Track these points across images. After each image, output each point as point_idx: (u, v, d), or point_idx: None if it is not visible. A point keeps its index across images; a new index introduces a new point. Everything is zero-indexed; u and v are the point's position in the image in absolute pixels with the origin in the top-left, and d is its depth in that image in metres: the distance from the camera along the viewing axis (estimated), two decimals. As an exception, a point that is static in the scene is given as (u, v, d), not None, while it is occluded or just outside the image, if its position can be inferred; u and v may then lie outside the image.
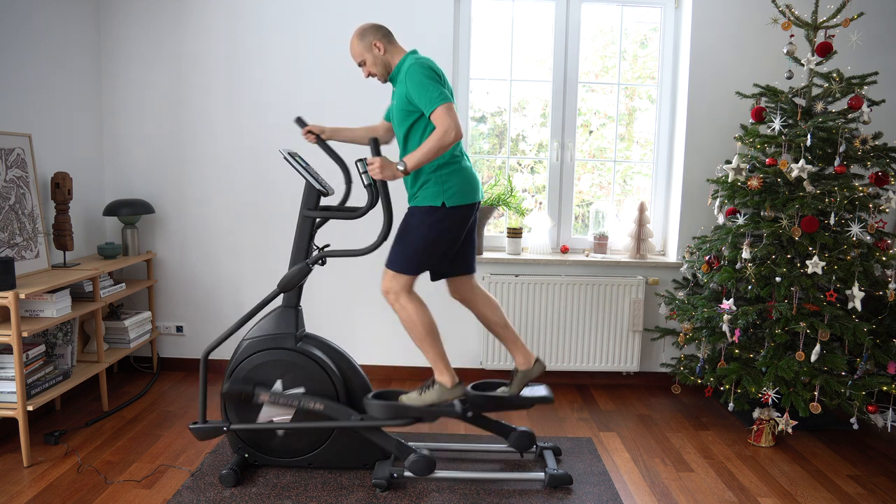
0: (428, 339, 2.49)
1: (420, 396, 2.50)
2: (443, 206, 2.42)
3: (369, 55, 2.49)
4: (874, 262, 2.84)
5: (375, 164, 2.33)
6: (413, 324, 2.48)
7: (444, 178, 2.43)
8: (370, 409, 2.50)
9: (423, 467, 2.47)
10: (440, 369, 2.51)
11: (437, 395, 2.50)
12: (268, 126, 3.60)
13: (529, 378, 2.71)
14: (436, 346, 2.51)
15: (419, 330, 2.48)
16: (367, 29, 2.50)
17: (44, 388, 2.77)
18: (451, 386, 2.51)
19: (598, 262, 3.62)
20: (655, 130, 3.76)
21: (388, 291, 2.48)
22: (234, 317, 3.73)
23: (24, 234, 2.94)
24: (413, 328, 2.48)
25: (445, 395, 2.50)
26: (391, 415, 2.49)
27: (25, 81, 3.03)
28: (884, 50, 3.49)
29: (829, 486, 2.63)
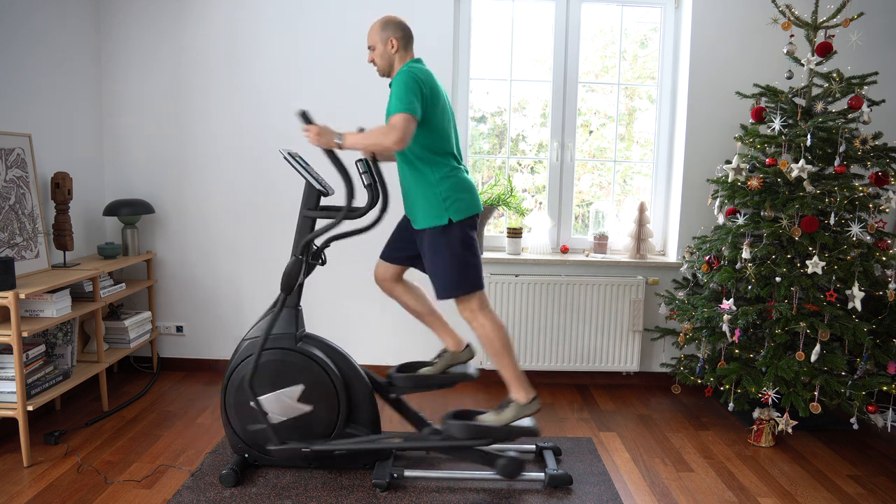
0: (505, 354, 2.50)
1: (499, 416, 2.49)
2: (450, 222, 2.42)
3: (381, 46, 2.49)
4: (874, 262, 2.84)
5: (312, 131, 2.35)
6: (490, 340, 2.48)
7: (445, 195, 2.42)
8: (451, 429, 2.48)
9: (514, 470, 2.50)
10: (516, 385, 2.51)
11: (515, 412, 2.49)
12: (268, 126, 3.60)
13: (457, 361, 2.73)
14: (512, 362, 2.51)
15: (496, 346, 2.48)
16: (392, 23, 2.49)
17: (44, 388, 2.77)
18: (526, 402, 2.50)
19: (598, 262, 3.63)
20: (655, 130, 3.76)
21: (463, 313, 2.51)
22: (234, 316, 3.73)
23: (24, 234, 2.94)
24: (490, 344, 2.49)
25: (523, 412, 2.50)
26: (472, 435, 2.47)
27: (25, 81, 3.03)
28: (884, 50, 3.49)
29: (829, 486, 2.63)
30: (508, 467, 2.52)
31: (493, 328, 2.48)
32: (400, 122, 2.27)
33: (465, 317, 2.51)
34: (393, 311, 3.53)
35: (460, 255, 2.44)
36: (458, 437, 2.47)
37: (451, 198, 2.42)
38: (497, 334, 2.48)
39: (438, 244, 2.44)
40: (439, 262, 2.45)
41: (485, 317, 2.48)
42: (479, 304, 2.49)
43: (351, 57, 3.53)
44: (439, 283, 2.47)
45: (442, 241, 2.44)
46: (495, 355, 2.50)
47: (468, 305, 2.48)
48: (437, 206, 2.42)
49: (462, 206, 2.44)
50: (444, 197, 2.42)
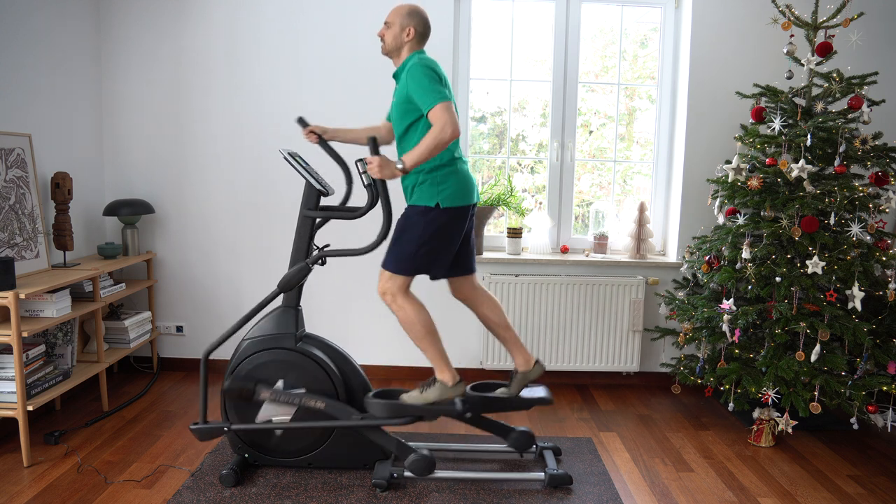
0: (427, 337, 2.49)
1: (421, 395, 2.50)
2: (437, 206, 2.42)
3: (398, 29, 2.48)
4: (874, 262, 2.84)
5: (374, 163, 2.34)
6: (411, 323, 2.48)
7: (441, 179, 2.43)
8: (371, 407, 2.50)
9: (422, 467, 2.47)
10: (440, 367, 2.52)
11: (439, 392, 2.50)
12: (268, 126, 3.60)
13: (528, 379, 2.71)
14: (435, 345, 2.51)
15: (418, 329, 2.48)
16: (418, 14, 2.50)
17: (44, 388, 2.77)
18: (451, 384, 2.51)
19: (598, 262, 3.63)
20: (655, 130, 3.76)
21: (384, 292, 2.49)
22: (234, 317, 3.73)
23: (24, 234, 2.94)
24: (411, 328, 2.49)
25: (447, 393, 2.51)
26: (392, 413, 2.48)
27: (25, 81, 3.03)
28: (884, 50, 3.49)
29: (829, 486, 2.63)
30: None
31: (413, 311, 2.47)
32: (443, 113, 2.28)
33: (384, 298, 2.49)
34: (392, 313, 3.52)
35: (427, 240, 2.43)
36: (377, 415, 2.49)
37: (445, 184, 2.43)
38: (416, 318, 2.47)
39: (413, 220, 2.44)
40: (405, 238, 2.45)
41: (405, 300, 2.47)
42: (400, 288, 2.47)
43: (351, 57, 3.53)
44: (391, 252, 2.47)
45: (418, 220, 2.44)
46: (416, 339, 2.50)
47: (388, 286, 2.47)
48: (430, 188, 2.43)
49: (454, 195, 2.44)
50: (439, 182, 2.43)
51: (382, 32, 2.52)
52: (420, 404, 2.49)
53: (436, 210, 2.42)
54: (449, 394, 2.51)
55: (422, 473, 2.48)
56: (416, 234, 2.43)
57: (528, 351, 2.73)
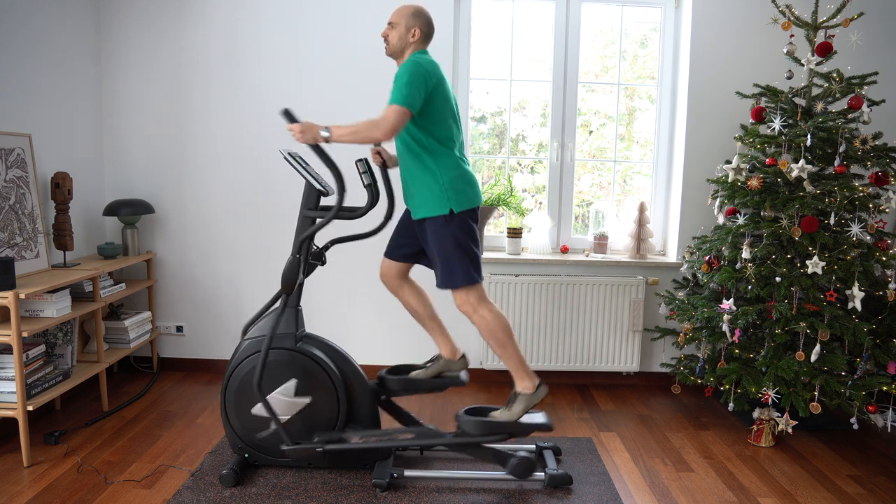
0: (509, 345, 2.49)
1: (510, 411, 2.49)
2: (451, 212, 2.42)
3: (403, 30, 2.47)
4: (874, 262, 2.84)
5: (296, 129, 2.31)
6: (492, 331, 2.47)
7: (447, 185, 2.43)
8: (465, 425, 2.47)
9: (524, 469, 2.50)
10: (521, 376, 2.52)
11: (525, 403, 2.49)
12: (268, 126, 3.60)
13: (449, 368, 2.74)
14: (516, 352, 2.51)
15: (499, 336, 2.47)
16: (423, 15, 2.49)
17: (44, 388, 2.77)
18: (533, 390, 2.51)
19: (598, 262, 3.62)
20: (655, 130, 3.76)
21: (462, 305, 2.49)
22: (234, 316, 3.73)
23: (24, 234, 2.94)
24: (492, 335, 2.48)
25: (532, 401, 2.50)
26: (486, 431, 2.47)
27: (25, 81, 3.03)
28: (884, 50, 3.49)
29: (829, 486, 2.63)
30: (519, 467, 2.52)
31: (494, 319, 2.46)
32: (392, 115, 2.27)
33: (465, 310, 2.49)
34: (392, 312, 3.53)
35: (463, 245, 2.44)
36: (472, 433, 2.47)
37: (453, 188, 2.43)
38: (499, 325, 2.47)
39: (442, 234, 2.44)
40: (443, 252, 2.44)
41: (485, 309, 2.47)
42: (478, 297, 2.48)
43: (351, 57, 3.53)
44: (441, 272, 2.47)
45: (445, 232, 2.43)
46: (499, 346, 2.49)
47: (468, 299, 2.47)
48: (439, 196, 2.42)
49: (464, 197, 2.44)
50: (446, 187, 2.42)
51: (387, 33, 2.50)
52: (511, 421, 2.47)
53: (453, 216, 2.43)
54: (534, 401, 2.50)
55: (524, 476, 2.51)
56: (453, 242, 2.43)
57: (455, 343, 2.78)
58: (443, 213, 2.42)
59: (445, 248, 2.44)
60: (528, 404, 2.49)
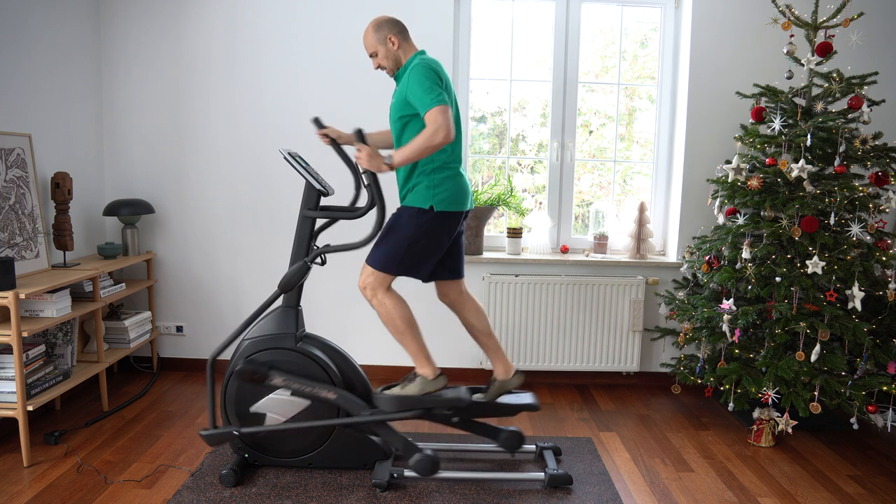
0: (407, 332, 2.50)
1: (402, 390, 2.51)
2: (431, 209, 2.42)
3: (382, 48, 2.48)
4: (874, 262, 2.84)
5: (363, 154, 2.33)
6: (391, 318, 2.49)
7: (437, 183, 2.43)
8: (380, 402, 2.50)
9: (427, 467, 2.48)
10: (421, 362, 2.53)
11: (420, 387, 2.52)
12: (267, 126, 3.60)
13: (506, 389, 2.72)
14: (415, 340, 2.52)
15: (397, 324, 2.49)
16: (384, 22, 2.49)
17: (44, 388, 2.77)
18: (432, 377, 2.53)
19: (598, 262, 3.63)
20: (655, 130, 3.76)
21: (365, 287, 2.49)
22: (234, 316, 3.73)
23: (24, 234, 2.94)
24: (391, 323, 2.50)
25: (428, 387, 2.52)
26: (401, 407, 2.49)
27: (25, 81, 3.03)
28: (884, 50, 3.49)
29: (829, 486, 2.63)
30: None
31: (393, 306, 2.48)
32: (438, 116, 2.27)
33: (364, 293, 2.50)
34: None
35: (414, 242, 2.44)
36: (387, 409, 2.50)
37: (441, 187, 2.43)
38: (397, 312, 2.48)
39: (405, 221, 2.45)
40: (394, 236, 2.45)
41: (385, 296, 2.48)
42: (381, 285, 2.48)
43: (350, 57, 3.53)
44: (377, 249, 2.47)
45: (409, 221, 2.44)
46: (396, 333, 2.51)
47: (369, 281, 2.47)
48: (424, 190, 2.43)
49: (449, 199, 2.44)
50: (435, 185, 2.43)
51: (377, 63, 2.53)
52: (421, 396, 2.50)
53: (429, 213, 2.43)
54: (430, 387, 2.53)
55: (426, 473, 2.49)
56: (406, 234, 2.44)
57: (508, 360, 2.75)
58: (422, 206, 2.43)
59: (395, 232, 2.45)
60: (423, 387, 2.51)
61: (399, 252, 2.44)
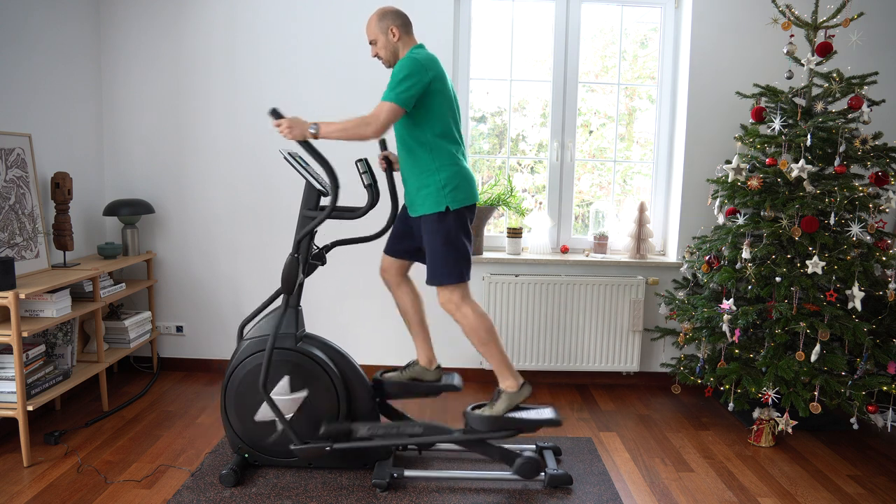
0: (491, 343, 2.50)
1: (492, 409, 2.50)
2: (447, 210, 2.43)
3: (383, 37, 2.49)
4: (874, 262, 2.84)
5: (283, 124, 2.31)
6: (475, 330, 2.49)
7: (444, 182, 2.43)
8: (473, 422, 2.49)
9: (530, 470, 2.50)
10: (504, 374, 2.53)
11: (508, 401, 2.50)
12: (268, 126, 3.60)
13: (423, 377, 2.75)
14: (499, 351, 2.52)
15: (482, 335, 2.49)
16: (389, 13, 2.50)
17: (44, 388, 2.77)
18: (517, 389, 2.52)
19: (598, 262, 3.62)
20: (655, 130, 3.76)
21: (446, 303, 2.50)
22: (234, 316, 3.73)
23: (24, 234, 2.94)
24: (475, 333, 2.49)
25: (515, 400, 2.51)
26: (494, 427, 2.48)
27: (25, 81, 3.03)
28: (884, 50, 3.49)
29: (829, 486, 2.63)
30: (525, 467, 2.53)
31: (476, 318, 2.48)
32: (382, 112, 2.28)
33: (448, 308, 2.50)
34: (392, 312, 3.52)
35: (454, 243, 2.45)
36: (480, 429, 2.48)
37: (449, 185, 2.43)
38: (481, 324, 2.48)
39: (435, 230, 2.45)
40: (434, 249, 2.46)
41: (468, 307, 2.48)
42: (461, 296, 2.49)
43: (350, 57, 3.53)
44: (430, 268, 2.48)
45: (437, 228, 2.44)
46: (481, 345, 2.50)
47: (451, 296, 2.48)
48: (435, 193, 2.43)
49: (460, 195, 2.45)
50: (443, 185, 2.43)
51: (374, 52, 2.53)
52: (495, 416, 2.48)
53: (448, 213, 2.44)
54: (517, 400, 2.51)
55: (530, 476, 2.51)
56: (444, 241, 2.44)
57: (433, 354, 2.79)
58: (438, 210, 2.43)
59: (437, 244, 2.45)
60: (510, 402, 2.50)
61: (450, 258, 2.44)
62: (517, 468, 2.53)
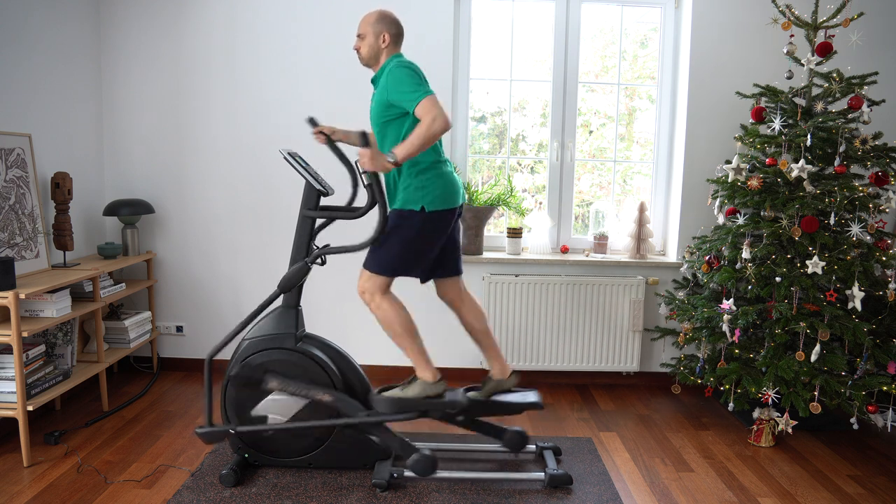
0: (406, 336, 2.51)
1: (404, 391, 2.52)
2: (422, 210, 2.42)
3: (371, 38, 2.49)
4: (874, 262, 2.84)
5: (366, 155, 2.32)
6: (389, 323, 2.49)
7: (424, 183, 2.43)
8: (376, 403, 2.50)
9: (425, 467, 2.48)
10: (421, 365, 2.54)
11: (420, 389, 2.52)
12: (267, 126, 3.60)
13: (502, 388, 2.72)
14: (414, 344, 2.53)
15: (396, 328, 2.49)
16: (388, 18, 2.50)
17: (44, 388, 2.76)
18: (432, 381, 2.53)
19: (598, 262, 3.62)
20: (655, 130, 3.76)
21: (363, 291, 2.50)
22: (234, 317, 3.73)
23: (24, 234, 2.94)
24: (390, 327, 2.50)
25: (428, 390, 2.52)
26: (397, 409, 2.49)
27: (25, 81, 3.03)
28: (884, 50, 3.49)
29: (829, 486, 2.63)
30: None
31: (391, 310, 2.48)
32: (430, 106, 2.26)
33: (364, 297, 2.50)
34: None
35: (408, 242, 2.44)
36: (383, 411, 2.50)
37: (428, 187, 2.43)
38: (396, 318, 2.48)
39: (398, 223, 2.45)
40: (389, 240, 2.45)
41: (383, 300, 2.48)
42: (379, 288, 2.48)
43: (350, 57, 3.53)
44: (373, 253, 2.48)
45: (402, 223, 2.44)
46: (395, 337, 2.51)
47: (371, 285, 2.48)
48: (413, 191, 2.43)
49: (439, 198, 2.44)
50: (421, 185, 2.43)
51: (358, 45, 2.52)
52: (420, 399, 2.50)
53: (421, 213, 2.43)
54: (431, 391, 2.53)
55: (424, 473, 2.49)
56: (401, 237, 2.44)
57: (505, 360, 2.76)
58: (413, 208, 2.43)
59: (391, 235, 2.45)
60: (423, 390, 2.51)
61: (394, 254, 2.45)
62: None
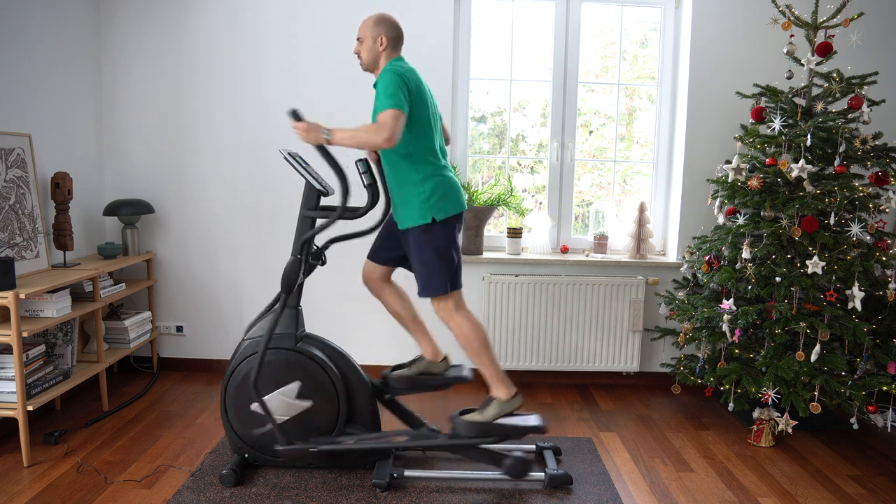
0: (483, 352, 2.51)
1: (482, 414, 2.50)
2: (433, 221, 2.43)
3: (370, 41, 2.48)
4: (874, 262, 2.84)
5: (301, 128, 2.31)
6: (467, 339, 2.49)
7: (428, 193, 2.43)
8: (459, 427, 2.49)
9: (520, 470, 2.50)
10: (496, 383, 2.52)
11: (497, 409, 2.50)
12: (268, 126, 3.60)
13: (431, 371, 2.75)
14: (491, 360, 2.52)
15: (474, 345, 2.49)
16: (387, 21, 2.50)
17: (44, 388, 2.76)
18: (507, 398, 2.51)
19: (598, 262, 3.62)
20: (655, 130, 3.76)
21: (439, 313, 2.52)
22: (234, 316, 3.73)
23: (24, 234, 2.94)
24: (467, 343, 2.50)
25: (505, 409, 2.51)
26: (480, 433, 2.48)
27: (25, 81, 3.03)
28: (884, 50, 3.49)
29: (829, 486, 2.63)
30: (515, 467, 2.52)
31: (469, 327, 2.49)
32: (389, 118, 2.25)
33: (442, 316, 2.52)
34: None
35: (442, 254, 2.45)
36: (465, 434, 2.48)
37: (434, 196, 2.43)
38: (474, 333, 2.49)
39: (421, 242, 2.45)
40: (423, 261, 2.46)
41: (461, 316, 2.50)
42: (455, 304, 2.50)
43: (350, 57, 3.52)
44: (421, 281, 2.49)
45: (424, 240, 2.45)
46: (473, 354, 2.51)
47: (445, 305, 2.50)
48: (420, 205, 2.43)
49: (446, 205, 2.44)
50: (427, 196, 2.43)
51: (357, 49, 2.52)
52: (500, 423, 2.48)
53: (434, 224, 2.43)
54: (507, 408, 2.51)
55: (520, 475, 2.51)
56: (432, 253, 2.45)
57: (437, 344, 2.78)
58: (424, 221, 2.43)
59: (426, 257, 2.45)
60: (500, 410, 2.50)
61: (439, 270, 2.45)
62: (506, 469, 2.52)
